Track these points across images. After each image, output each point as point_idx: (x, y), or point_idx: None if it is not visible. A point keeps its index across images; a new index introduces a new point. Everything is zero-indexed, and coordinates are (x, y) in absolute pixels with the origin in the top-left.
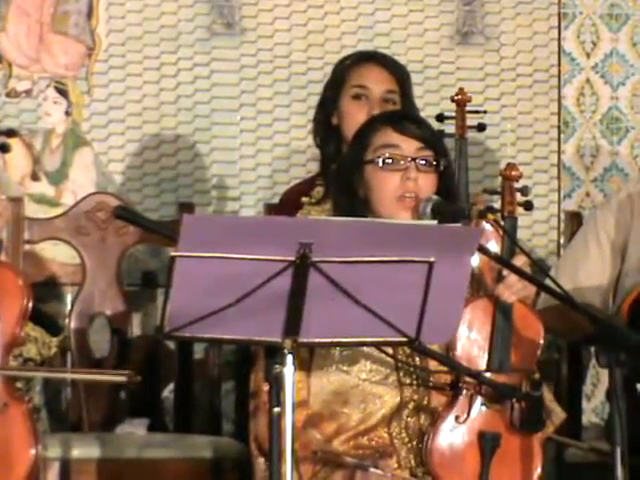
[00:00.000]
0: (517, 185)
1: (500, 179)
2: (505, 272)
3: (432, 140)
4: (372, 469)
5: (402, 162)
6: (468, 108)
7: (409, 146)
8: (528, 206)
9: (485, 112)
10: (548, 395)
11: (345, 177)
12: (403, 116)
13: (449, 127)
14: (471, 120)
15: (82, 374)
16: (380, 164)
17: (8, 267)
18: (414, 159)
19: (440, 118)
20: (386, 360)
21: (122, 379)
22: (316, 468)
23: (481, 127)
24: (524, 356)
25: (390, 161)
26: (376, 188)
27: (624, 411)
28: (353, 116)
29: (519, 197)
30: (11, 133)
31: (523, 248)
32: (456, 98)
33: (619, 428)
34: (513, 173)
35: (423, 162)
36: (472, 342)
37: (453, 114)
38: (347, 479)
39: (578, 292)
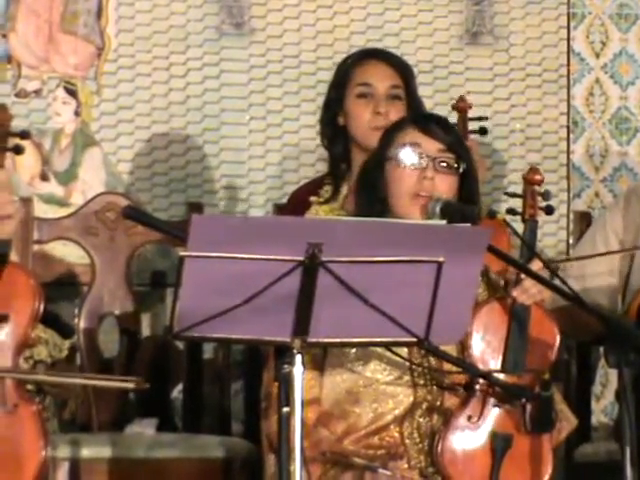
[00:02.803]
0: (539, 189)
1: (522, 183)
2: (521, 275)
3: (454, 144)
4: (381, 470)
5: (422, 161)
6: (470, 115)
7: (430, 146)
8: (549, 210)
9: (487, 119)
10: (558, 397)
11: (368, 175)
12: (430, 117)
13: None
14: (472, 124)
15: (89, 379)
16: (400, 161)
17: (20, 268)
18: (434, 159)
19: None
20: (400, 360)
21: (130, 385)
22: (325, 468)
23: (482, 131)
24: (539, 359)
25: (410, 158)
26: (393, 185)
27: (633, 411)
28: (359, 115)
29: (540, 201)
30: (25, 135)
31: (534, 250)
32: (456, 105)
33: (628, 428)
34: (536, 177)
35: (444, 164)
36: (487, 344)
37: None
38: None
39: (585, 293)
